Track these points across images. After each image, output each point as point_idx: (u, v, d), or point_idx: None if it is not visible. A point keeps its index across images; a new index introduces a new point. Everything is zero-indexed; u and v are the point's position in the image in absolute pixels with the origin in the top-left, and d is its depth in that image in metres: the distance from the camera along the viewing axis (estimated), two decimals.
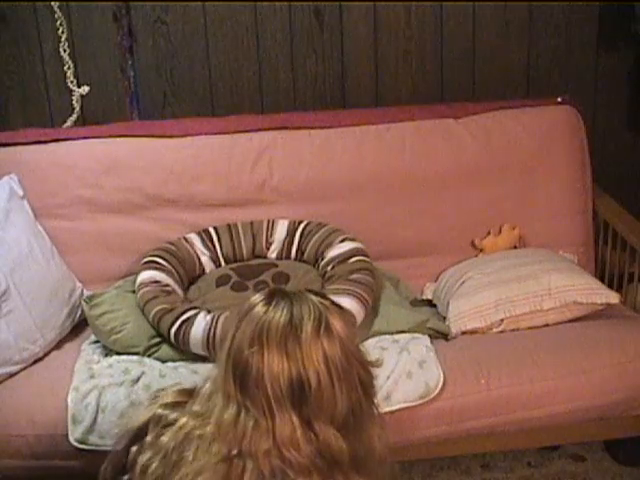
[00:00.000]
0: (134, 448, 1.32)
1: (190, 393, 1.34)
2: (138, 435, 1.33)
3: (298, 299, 1.25)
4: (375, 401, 1.30)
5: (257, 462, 1.18)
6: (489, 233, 2.50)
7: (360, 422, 1.24)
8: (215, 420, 1.22)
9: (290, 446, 1.18)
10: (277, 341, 1.19)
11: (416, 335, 2.08)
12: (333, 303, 1.29)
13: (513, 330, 2.16)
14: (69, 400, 1.90)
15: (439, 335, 2.14)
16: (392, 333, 2.09)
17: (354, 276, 2.15)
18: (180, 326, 1.99)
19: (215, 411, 1.22)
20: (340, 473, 1.22)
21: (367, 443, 1.26)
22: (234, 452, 1.19)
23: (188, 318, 2.00)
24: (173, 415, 1.29)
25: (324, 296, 1.30)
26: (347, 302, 2.06)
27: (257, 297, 1.26)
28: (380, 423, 1.31)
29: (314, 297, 1.26)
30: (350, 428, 1.22)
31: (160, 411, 1.32)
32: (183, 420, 1.26)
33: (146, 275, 2.17)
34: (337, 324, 1.23)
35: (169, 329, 2.01)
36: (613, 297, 2.15)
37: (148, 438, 1.30)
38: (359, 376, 1.24)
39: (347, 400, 1.21)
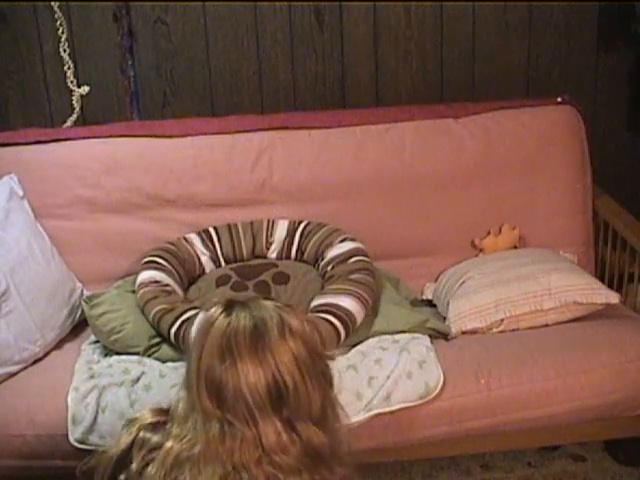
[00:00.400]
0: (122, 477, 1.30)
1: (167, 412, 1.33)
2: (122, 461, 1.31)
3: (255, 305, 1.26)
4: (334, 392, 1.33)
5: (251, 473, 1.19)
6: (489, 233, 2.50)
7: (330, 414, 1.27)
8: (201, 440, 1.21)
9: (278, 451, 1.20)
10: (248, 350, 1.20)
11: (416, 335, 2.08)
12: (285, 304, 1.31)
13: (513, 330, 2.16)
14: (69, 400, 1.90)
15: (439, 335, 2.14)
16: (392, 333, 2.09)
17: (354, 276, 2.15)
18: (180, 326, 1.99)
19: (198, 431, 1.22)
20: (324, 467, 1.24)
21: (337, 434, 1.29)
22: (229, 468, 1.19)
23: (188, 318, 2.00)
24: (155, 438, 1.28)
25: (272, 299, 1.32)
26: (347, 302, 2.06)
27: (215, 310, 1.26)
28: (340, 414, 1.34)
29: (266, 301, 1.28)
30: (324, 422, 1.25)
31: (142, 434, 1.30)
32: (168, 445, 1.24)
33: (146, 275, 2.17)
34: (296, 323, 1.25)
35: (169, 329, 2.01)
36: (613, 297, 2.15)
37: (134, 465, 1.28)
38: (322, 369, 1.27)
39: (319, 395, 1.24)
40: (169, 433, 1.26)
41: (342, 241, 2.29)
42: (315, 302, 2.12)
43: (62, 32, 2.55)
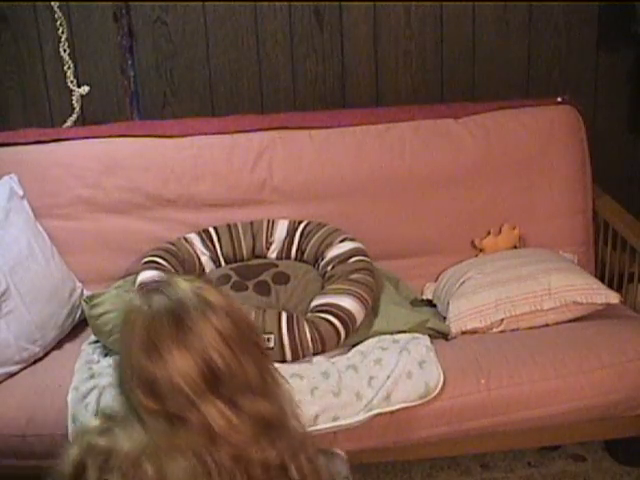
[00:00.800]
0: None
1: (111, 416, 1.28)
2: (78, 474, 1.24)
3: (170, 289, 1.21)
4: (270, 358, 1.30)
5: (214, 457, 1.16)
6: (489, 233, 2.50)
7: (270, 382, 1.24)
8: (153, 438, 1.17)
9: (231, 431, 1.16)
10: (171, 338, 1.16)
11: (416, 335, 2.08)
12: (200, 279, 1.27)
13: (513, 330, 2.16)
14: (69, 400, 1.90)
15: (439, 335, 2.14)
16: (392, 333, 2.09)
17: (354, 276, 2.15)
18: None
19: (147, 429, 1.18)
20: (277, 436, 1.21)
21: (282, 400, 1.26)
22: (191, 459, 1.15)
23: None
24: (105, 443, 1.21)
25: (189, 278, 1.26)
26: (347, 302, 2.06)
27: (131, 303, 1.22)
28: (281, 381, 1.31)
29: (181, 281, 1.23)
30: (266, 391, 1.22)
31: (91, 442, 1.23)
32: (120, 448, 1.18)
33: (146, 275, 2.17)
34: (215, 298, 1.21)
35: None
36: (613, 297, 2.15)
37: (91, 473, 1.20)
38: (253, 339, 1.24)
39: (254, 365, 1.20)
40: (117, 436, 1.21)
41: (342, 241, 2.29)
42: (315, 302, 2.12)
43: (62, 32, 2.55)
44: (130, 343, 1.19)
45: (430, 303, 2.39)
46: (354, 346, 2.09)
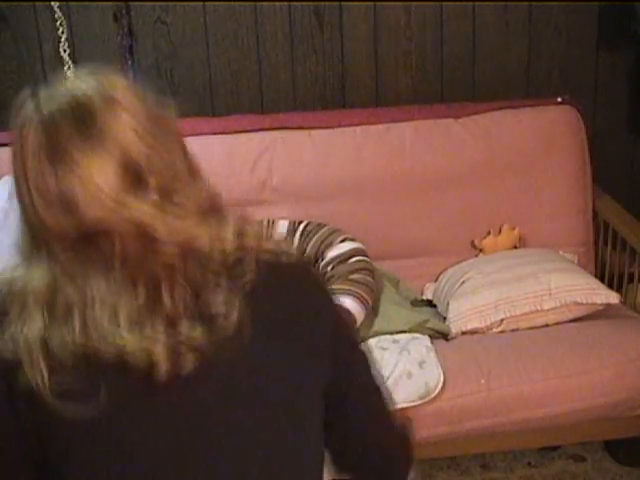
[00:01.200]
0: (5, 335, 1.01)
1: (18, 262, 1.09)
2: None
3: (66, 85, 1.07)
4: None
5: (156, 260, 1.00)
6: (489, 233, 2.50)
7: (194, 166, 1.15)
8: (65, 262, 1.00)
9: (169, 229, 1.01)
10: (80, 143, 0.98)
11: (416, 335, 2.08)
12: (100, 70, 1.09)
13: (513, 330, 2.16)
14: None
15: (439, 335, 2.14)
16: (392, 333, 2.09)
17: (354, 276, 2.15)
18: None
19: (57, 255, 1.00)
20: (221, 217, 1.13)
21: (208, 184, 1.16)
22: (123, 271, 0.99)
23: None
24: (19, 285, 1.02)
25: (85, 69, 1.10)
26: (347, 302, 2.06)
27: (22, 112, 1.06)
28: None
29: (78, 75, 1.08)
30: (194, 175, 1.13)
31: (4, 289, 1.04)
32: (33, 286, 1.00)
33: None
34: (119, 91, 1.04)
35: None
36: (613, 297, 2.15)
37: (12, 322, 1.00)
38: (169, 125, 1.10)
39: (178, 154, 1.10)
40: (27, 276, 1.03)
41: (342, 241, 2.29)
42: None
43: (62, 32, 2.55)
44: (27, 157, 1.00)
45: (430, 303, 2.39)
46: None
